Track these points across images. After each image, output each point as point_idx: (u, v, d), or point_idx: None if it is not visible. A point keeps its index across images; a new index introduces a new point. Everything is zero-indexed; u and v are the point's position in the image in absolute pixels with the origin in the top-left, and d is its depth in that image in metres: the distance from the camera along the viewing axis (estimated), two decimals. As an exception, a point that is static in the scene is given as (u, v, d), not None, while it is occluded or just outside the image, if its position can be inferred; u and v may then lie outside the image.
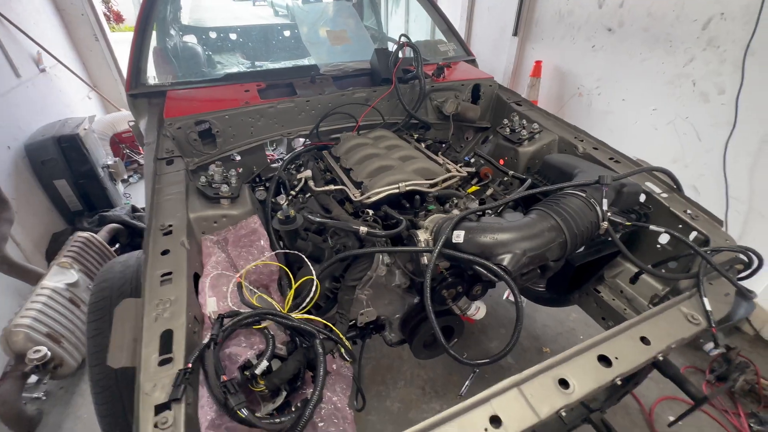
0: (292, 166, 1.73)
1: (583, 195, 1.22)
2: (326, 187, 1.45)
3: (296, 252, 1.20)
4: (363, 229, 1.15)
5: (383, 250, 1.17)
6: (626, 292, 1.53)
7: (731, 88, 2.33)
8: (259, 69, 2.60)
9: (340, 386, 1.29)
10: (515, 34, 3.82)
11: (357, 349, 1.83)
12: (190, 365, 0.83)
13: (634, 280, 1.43)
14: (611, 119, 3.19)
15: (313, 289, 1.13)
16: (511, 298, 2.83)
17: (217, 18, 4.97)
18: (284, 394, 1.07)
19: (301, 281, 1.15)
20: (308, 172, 1.53)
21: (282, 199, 1.54)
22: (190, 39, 4.44)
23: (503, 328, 2.67)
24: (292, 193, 1.57)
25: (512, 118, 1.91)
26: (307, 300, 1.12)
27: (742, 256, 1.20)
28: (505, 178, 1.66)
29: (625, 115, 3.07)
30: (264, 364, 0.98)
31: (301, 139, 1.93)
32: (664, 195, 1.48)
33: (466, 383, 2.34)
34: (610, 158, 1.66)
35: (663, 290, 1.38)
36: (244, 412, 0.80)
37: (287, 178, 1.61)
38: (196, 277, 1.15)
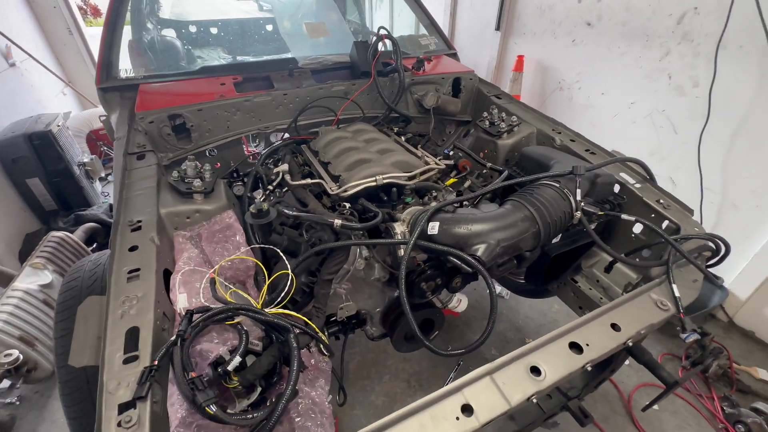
0: (270, 161, 1.71)
1: (557, 186, 1.23)
2: (303, 181, 1.43)
3: (271, 246, 1.18)
4: (337, 221, 1.14)
5: (357, 243, 1.16)
6: (602, 281, 1.55)
7: (705, 81, 2.39)
8: (236, 62, 2.54)
9: (319, 381, 1.28)
10: (498, 28, 3.83)
11: (339, 344, 1.82)
12: (156, 362, 0.80)
13: (608, 269, 1.45)
14: (591, 113, 3.24)
15: (288, 283, 1.12)
16: (497, 290, 2.87)
17: (200, 12, 4.86)
18: (259, 389, 1.06)
19: (275, 276, 1.13)
20: (285, 166, 1.51)
21: (259, 194, 1.52)
22: (169, 33, 4.33)
23: (486, 321, 2.69)
24: (270, 187, 1.54)
25: (491, 111, 1.92)
26: (282, 295, 1.11)
27: (710, 244, 1.23)
28: (484, 171, 1.66)
29: (605, 108, 3.12)
30: (236, 360, 0.96)
31: (281, 134, 1.90)
32: (638, 185, 1.51)
33: (451, 375, 2.36)
34: (586, 150, 1.68)
35: (636, 278, 1.41)
36: (212, 409, 0.79)
37: (264, 172, 1.59)
38: (168, 274, 1.12)
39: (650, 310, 1.08)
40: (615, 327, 1.02)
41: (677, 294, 1.09)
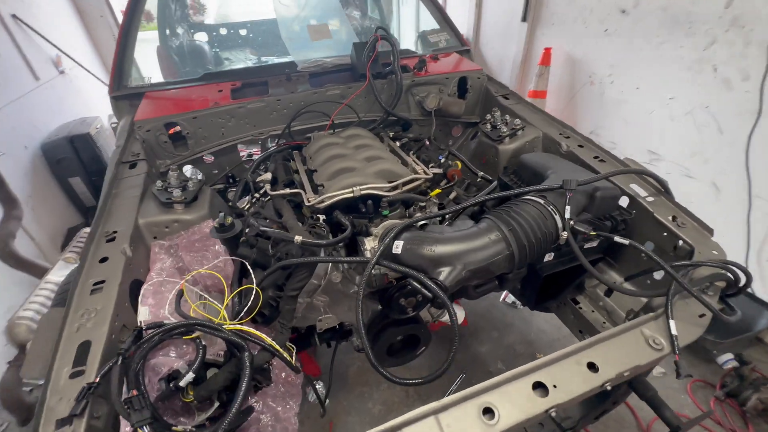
0: (263, 167, 1.71)
1: (541, 202, 1.11)
2: (282, 191, 1.41)
3: (238, 259, 1.17)
4: (298, 238, 1.10)
5: (318, 260, 1.12)
6: (606, 304, 1.41)
7: (756, 73, 2.08)
8: (236, 68, 2.59)
9: (289, 396, 1.27)
10: (524, 19, 3.59)
11: (329, 352, 1.81)
12: (97, 380, 0.82)
13: (608, 292, 1.30)
14: (625, 109, 2.95)
15: (252, 297, 1.11)
16: (509, 299, 2.72)
17: (237, 13, 5.02)
18: (216, 404, 1.06)
19: (239, 289, 1.13)
20: (268, 175, 1.50)
21: (244, 202, 1.53)
22: (201, 37, 4.51)
23: (496, 332, 2.57)
24: (256, 195, 1.55)
25: (494, 114, 1.79)
26: (246, 309, 1.10)
27: (727, 273, 1.06)
28: (478, 179, 1.55)
29: (640, 104, 2.82)
30: (190, 376, 0.97)
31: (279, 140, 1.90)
32: (650, 199, 1.34)
33: (452, 387, 2.28)
34: (595, 157, 1.52)
35: (641, 305, 1.25)
36: (145, 430, 0.79)
37: (253, 179, 1.59)
38: (140, 285, 1.15)
39: (639, 349, 0.95)
40: (592, 367, 0.91)
41: (674, 332, 0.95)
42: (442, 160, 1.56)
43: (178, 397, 1.03)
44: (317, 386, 2.25)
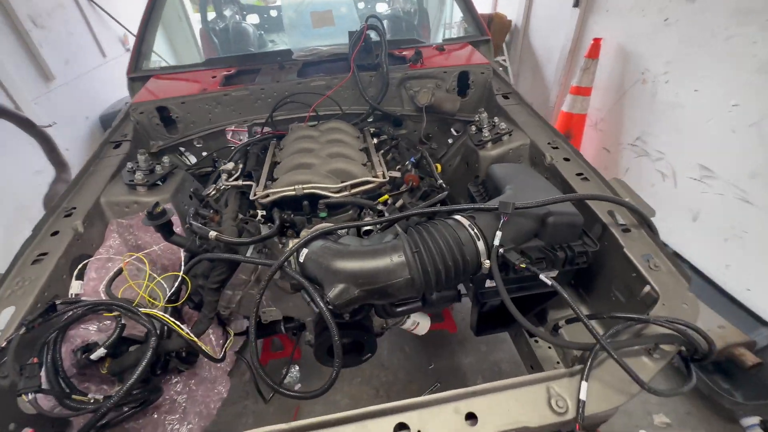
0: (238, 156, 1.74)
1: (466, 224, 0.99)
2: (234, 182, 1.43)
3: (174, 244, 1.22)
4: (212, 234, 1.11)
5: (217, 257, 1.11)
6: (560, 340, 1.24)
7: None
8: (235, 54, 2.65)
9: (215, 383, 1.32)
10: (576, 4, 3.19)
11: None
12: (4, 344, 0.92)
13: (553, 331, 1.15)
14: (678, 115, 2.52)
15: (175, 284, 1.15)
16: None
17: None
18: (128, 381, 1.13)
19: (164, 276, 1.17)
20: (230, 165, 1.53)
21: (210, 189, 1.57)
22: (253, 19, 4.68)
23: (485, 346, 2.42)
24: (219, 184, 1.59)
25: (480, 115, 1.63)
26: (168, 295, 1.15)
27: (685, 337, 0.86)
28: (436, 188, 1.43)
29: (697, 110, 2.39)
30: (101, 351, 1.05)
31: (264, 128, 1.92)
32: (629, 231, 1.14)
33: (425, 393, 2.21)
34: (578, 174, 1.32)
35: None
36: (27, 396, 0.87)
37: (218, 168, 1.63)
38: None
39: (538, 407, 0.82)
40: (471, 417, 0.81)
41: (583, 396, 0.80)
42: (409, 165, 1.46)
43: (97, 369, 1.12)
44: (293, 370, 2.33)
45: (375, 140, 1.72)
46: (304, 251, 1.01)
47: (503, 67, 4.31)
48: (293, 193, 1.30)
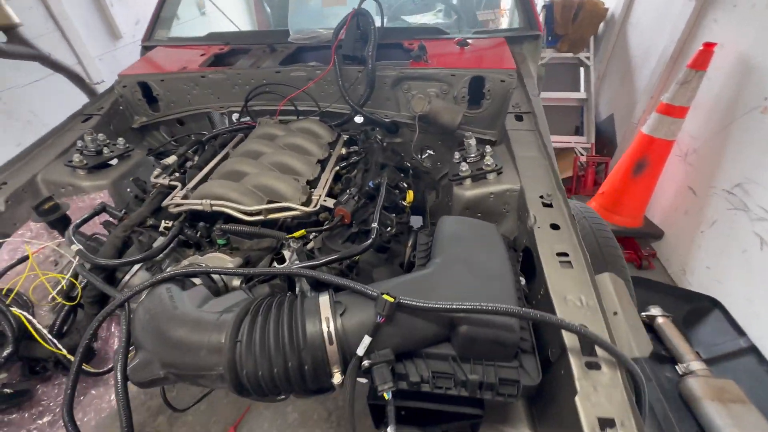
0: (196, 147, 1.60)
1: (324, 315, 0.70)
2: (161, 181, 1.28)
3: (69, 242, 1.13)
4: (74, 247, 0.98)
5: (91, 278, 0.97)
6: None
7: None
8: (234, 31, 2.48)
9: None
10: (692, -7, 2.42)
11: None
12: None
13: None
14: (805, 165, 1.78)
15: (61, 284, 1.07)
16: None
17: None
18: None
19: (51, 275, 1.09)
20: (170, 158, 1.38)
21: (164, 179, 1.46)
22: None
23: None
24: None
25: (468, 140, 1.25)
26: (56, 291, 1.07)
27: None
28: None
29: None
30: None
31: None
32: (597, 369, 0.74)
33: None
34: (561, 254, 0.91)
35: None
36: None
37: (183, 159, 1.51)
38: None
39: None
40: None
41: None
42: (353, 192, 1.17)
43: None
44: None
45: (344, 150, 1.45)
46: (144, 294, 0.82)
47: (585, 66, 3.55)
48: (200, 208, 1.11)
